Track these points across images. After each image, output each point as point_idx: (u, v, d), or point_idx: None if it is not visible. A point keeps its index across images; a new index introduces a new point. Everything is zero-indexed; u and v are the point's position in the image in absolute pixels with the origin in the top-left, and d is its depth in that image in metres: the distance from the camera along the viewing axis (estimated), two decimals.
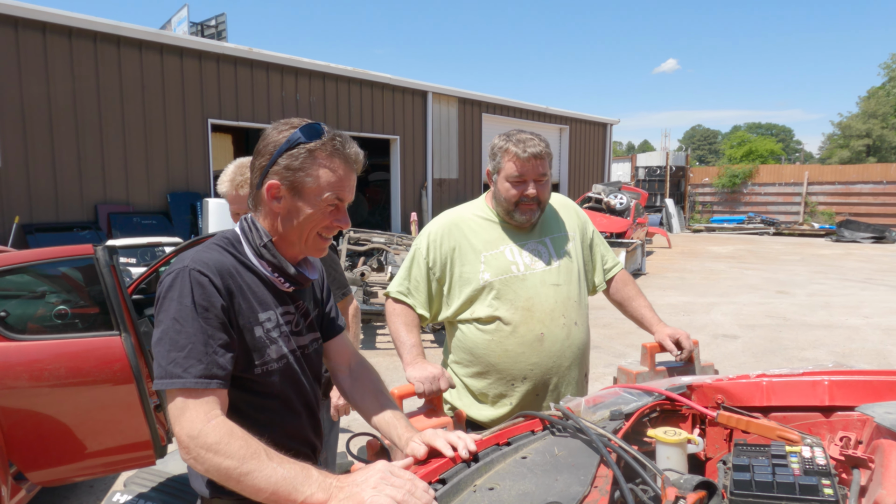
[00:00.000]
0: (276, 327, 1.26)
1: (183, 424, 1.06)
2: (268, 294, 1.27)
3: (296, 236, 1.26)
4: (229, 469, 1.01)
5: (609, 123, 22.87)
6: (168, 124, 10.06)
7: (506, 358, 1.93)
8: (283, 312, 1.29)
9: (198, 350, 1.09)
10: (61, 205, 8.86)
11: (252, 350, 1.21)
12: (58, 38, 8.69)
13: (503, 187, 1.95)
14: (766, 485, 1.00)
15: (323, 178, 1.21)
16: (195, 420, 1.05)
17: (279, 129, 1.24)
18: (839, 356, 6.23)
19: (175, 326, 1.10)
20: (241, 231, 1.29)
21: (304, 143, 1.20)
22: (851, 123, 38.71)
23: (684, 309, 8.61)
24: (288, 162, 1.20)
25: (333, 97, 12.81)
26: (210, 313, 1.13)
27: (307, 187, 1.21)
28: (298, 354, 1.32)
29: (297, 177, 1.21)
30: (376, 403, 1.40)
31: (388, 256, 8.11)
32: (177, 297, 1.12)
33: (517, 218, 1.96)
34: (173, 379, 1.08)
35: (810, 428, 1.35)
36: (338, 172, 1.22)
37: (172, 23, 15.53)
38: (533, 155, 1.90)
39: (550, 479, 1.08)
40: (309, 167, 1.20)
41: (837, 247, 17.21)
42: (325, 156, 1.21)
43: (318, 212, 1.23)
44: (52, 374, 2.73)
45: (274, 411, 1.28)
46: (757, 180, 23.65)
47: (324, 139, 1.21)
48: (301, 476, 1.00)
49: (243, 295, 1.21)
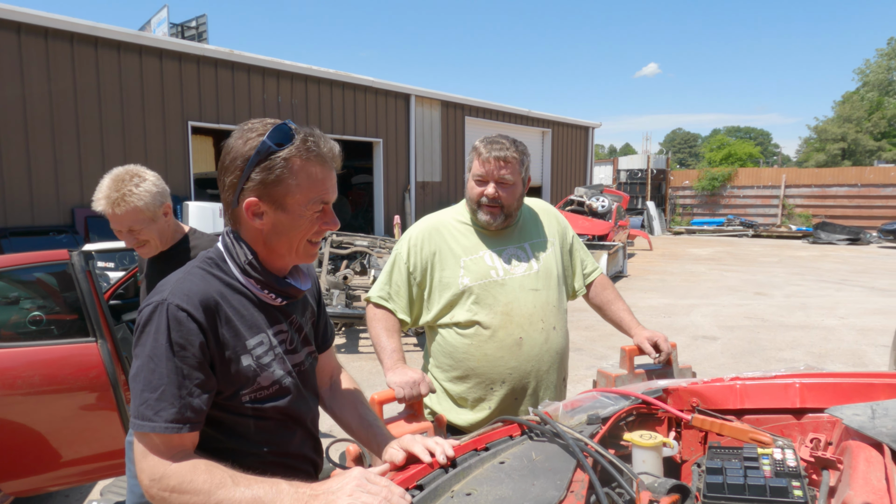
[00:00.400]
0: (268, 351, 1.20)
1: (145, 467, 1.03)
2: (258, 315, 1.20)
3: (285, 248, 1.20)
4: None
5: (591, 127, 23.07)
6: (147, 127, 9.94)
7: (485, 362, 1.94)
8: (276, 332, 1.23)
9: (171, 392, 1.04)
10: (37, 208, 8.70)
11: (239, 380, 1.15)
12: (33, 39, 8.55)
13: (469, 186, 2.00)
14: (738, 487, 1.02)
15: (304, 185, 1.14)
16: (158, 464, 1.02)
17: (244, 137, 1.13)
18: (816, 356, 6.34)
19: (149, 365, 1.05)
20: (225, 247, 1.21)
21: (275, 152, 1.11)
22: (827, 127, 39.53)
23: (665, 311, 8.70)
24: (262, 176, 1.12)
25: (316, 100, 12.76)
26: (187, 352, 1.07)
27: (289, 199, 1.14)
28: (294, 375, 1.25)
29: (277, 190, 1.13)
30: (355, 413, 1.40)
31: (371, 260, 8.08)
32: (153, 334, 1.07)
33: (479, 218, 1.97)
34: (144, 422, 1.03)
35: (782, 430, 1.37)
36: (317, 177, 1.15)
37: (152, 24, 15.36)
38: (496, 157, 1.90)
39: (527, 485, 1.09)
40: (287, 178, 1.12)
41: (814, 248, 17.53)
42: (302, 162, 1.13)
43: (306, 221, 1.17)
44: (26, 381, 2.68)
45: (269, 432, 1.23)
46: (736, 183, 24.02)
47: (296, 143, 1.13)
48: (272, 493, 0.98)
49: (230, 324, 1.14)
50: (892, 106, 39.15)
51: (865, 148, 38.09)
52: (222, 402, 1.14)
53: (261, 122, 1.16)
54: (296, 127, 1.15)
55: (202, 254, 1.23)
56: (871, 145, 38.11)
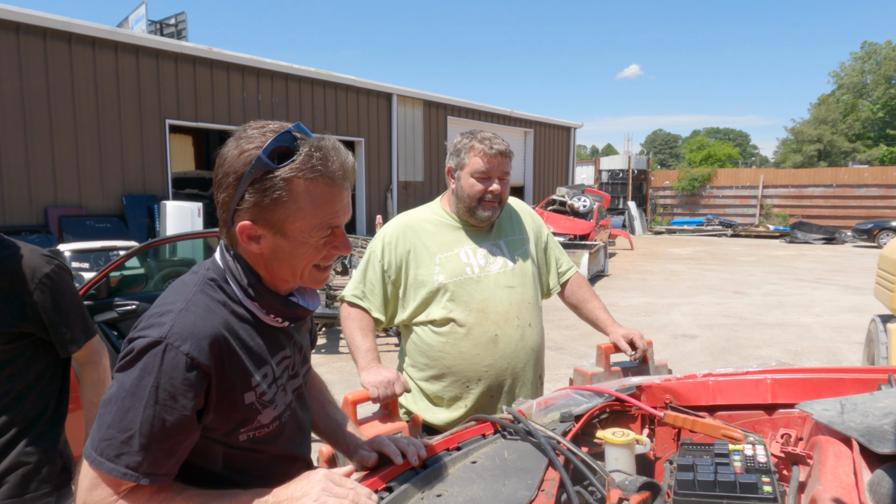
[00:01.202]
0: (272, 384, 1.07)
1: (88, 501, 0.93)
2: (263, 343, 1.07)
3: (288, 274, 1.05)
4: None
5: (573, 127, 23.23)
6: (123, 125, 9.78)
7: (460, 360, 1.92)
8: (280, 360, 1.11)
9: (139, 442, 0.91)
10: (8, 207, 8.51)
11: (240, 419, 1.04)
12: (4, 34, 8.36)
13: (467, 183, 1.95)
14: (708, 484, 1.02)
15: (307, 210, 0.98)
16: (105, 500, 0.92)
17: (240, 148, 0.97)
18: (792, 354, 6.44)
19: (126, 402, 0.92)
20: (225, 266, 1.06)
21: (272, 171, 0.95)
22: (804, 129, 40.32)
23: (645, 310, 8.77)
24: (257, 198, 0.96)
25: (297, 99, 12.66)
26: (176, 404, 0.93)
27: (289, 225, 0.98)
28: (294, 403, 1.15)
29: (275, 215, 0.97)
30: (323, 412, 1.36)
31: (353, 259, 8.03)
32: (140, 370, 0.93)
33: (479, 215, 1.96)
34: (103, 459, 0.91)
35: (754, 426, 1.38)
36: (324, 199, 0.98)
37: (130, 21, 15.13)
38: (500, 152, 1.93)
39: (498, 484, 1.07)
40: (287, 202, 0.96)
41: (791, 248, 17.84)
42: (306, 183, 0.96)
43: (310, 248, 1.02)
44: None
45: (263, 464, 1.13)
46: (715, 183, 24.36)
47: (298, 160, 0.95)
48: None
49: (237, 361, 1.01)
50: (866, 108, 40.04)
51: (840, 149, 38.90)
52: (219, 438, 1.05)
53: (261, 130, 0.99)
54: (302, 136, 0.98)
55: (201, 272, 1.07)
56: (846, 147, 38.94)
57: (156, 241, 4.95)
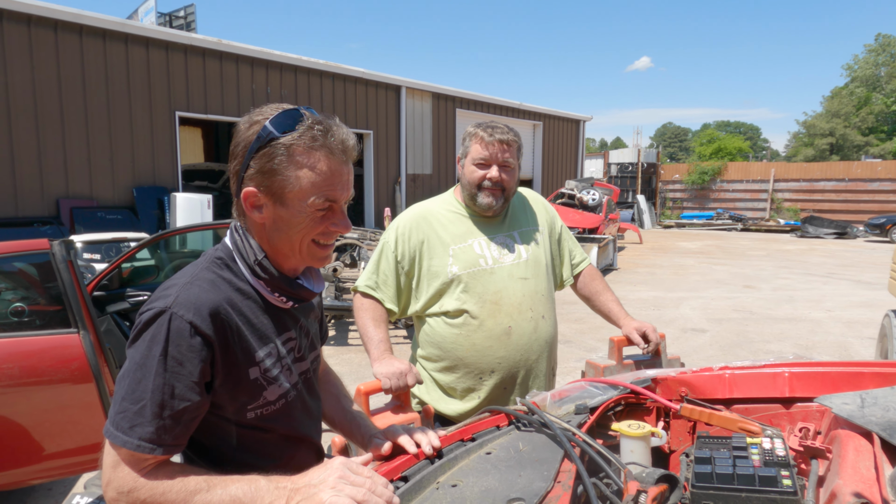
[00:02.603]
0: (276, 362, 1.11)
1: (113, 479, 0.95)
2: (267, 321, 1.10)
3: (287, 248, 1.09)
4: None
5: (582, 120, 23.09)
6: (134, 117, 9.81)
7: (473, 352, 1.92)
8: (286, 340, 1.14)
9: (151, 410, 0.95)
10: (21, 199, 8.57)
11: (246, 395, 1.07)
12: (16, 26, 8.39)
13: (468, 170, 1.96)
14: (727, 477, 1.00)
15: (304, 179, 1.02)
16: (127, 478, 0.94)
17: (250, 121, 1.05)
18: (803, 349, 6.39)
19: (137, 374, 0.96)
20: (234, 244, 1.11)
21: (276, 139, 1.01)
22: (816, 122, 39.86)
23: (654, 304, 8.74)
24: (261, 164, 1.02)
25: (305, 91, 12.65)
26: (183, 368, 0.97)
27: (287, 192, 1.03)
28: (300, 384, 1.18)
29: (275, 181, 1.02)
30: (338, 405, 1.36)
31: (361, 252, 8.04)
32: (148, 341, 0.97)
33: (479, 201, 1.95)
34: (118, 432, 0.95)
35: (771, 419, 1.36)
36: (321, 169, 1.02)
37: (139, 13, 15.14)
38: (499, 140, 1.92)
39: (514, 475, 1.07)
40: (285, 168, 1.01)
41: (802, 242, 17.69)
42: (304, 151, 1.01)
43: (307, 219, 1.05)
44: (6, 373, 2.63)
45: (272, 444, 1.16)
46: (725, 177, 24.17)
47: (300, 130, 1.01)
48: (251, 492, 0.93)
49: (240, 335, 1.05)
50: (879, 101, 39.52)
51: (853, 143, 38.45)
52: (230, 417, 1.08)
53: (274, 107, 1.05)
54: (308, 113, 1.04)
55: (210, 252, 1.13)
56: (858, 140, 38.48)
57: (166, 233, 4.98)
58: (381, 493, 0.94)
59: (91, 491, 2.65)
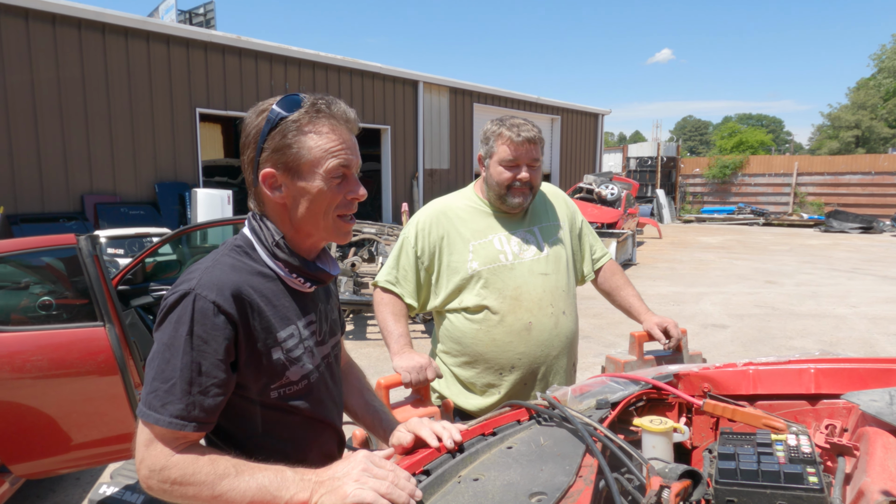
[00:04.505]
0: (298, 343, 1.14)
1: (145, 457, 0.99)
2: (289, 304, 1.15)
3: (311, 224, 1.14)
4: (200, 496, 0.96)
5: (601, 114, 22.87)
6: (155, 113, 9.94)
7: (494, 347, 1.92)
8: (307, 323, 1.18)
9: (181, 388, 0.99)
10: (47, 195, 8.74)
11: (269, 375, 1.11)
12: (41, 25, 8.54)
13: (496, 171, 1.94)
14: (751, 473, 1.00)
15: (315, 146, 1.09)
16: (159, 456, 0.98)
17: (257, 111, 1.12)
18: (827, 345, 6.28)
19: (165, 354, 1.01)
20: (252, 231, 1.16)
21: (285, 118, 1.09)
22: (841, 114, 38.98)
23: (674, 299, 8.65)
24: (275, 143, 1.09)
25: (323, 86, 12.70)
26: (208, 347, 1.01)
27: (303, 162, 1.09)
28: (322, 368, 1.21)
29: (289, 155, 1.09)
30: (362, 400, 1.38)
31: (379, 247, 8.07)
32: (174, 322, 1.02)
33: (509, 201, 1.94)
34: (150, 411, 0.99)
35: (796, 416, 1.35)
36: (329, 135, 1.10)
37: (160, 10, 15.31)
38: (527, 139, 1.90)
39: (535, 469, 1.07)
40: (297, 141, 1.09)
41: (826, 237, 17.35)
42: (309, 122, 1.09)
43: (325, 186, 1.10)
44: (35, 365, 2.69)
45: (295, 427, 1.18)
46: (747, 171, 23.77)
47: (305, 107, 1.10)
48: (277, 481, 0.96)
49: (261, 316, 1.09)
50: None
51: (880, 135, 37.54)
52: (251, 397, 1.10)
53: (273, 98, 1.13)
54: (308, 94, 1.12)
55: (229, 241, 1.18)
56: (885, 133, 37.56)
57: (188, 228, 5.05)
58: (404, 487, 0.95)
59: (117, 481, 2.70)
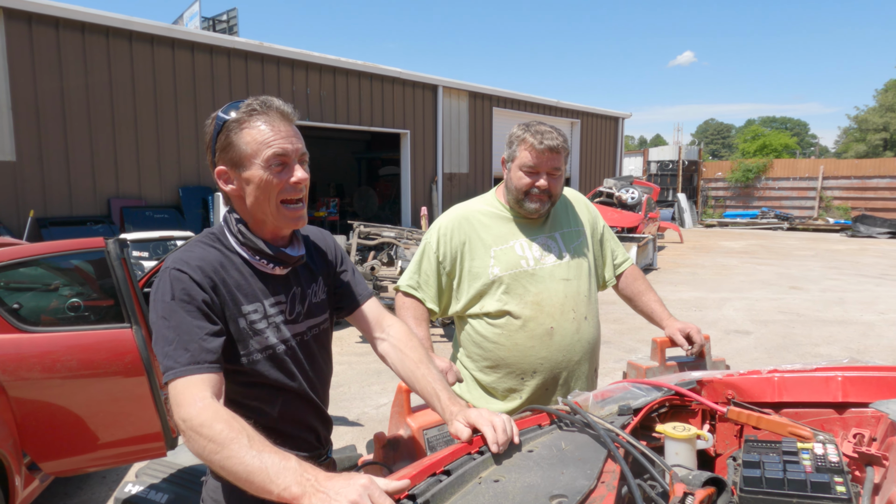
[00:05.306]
0: (262, 318, 1.29)
1: (176, 412, 1.09)
2: (257, 283, 1.29)
3: (260, 210, 1.27)
4: (210, 452, 1.02)
5: (621, 117, 22.70)
6: (179, 118, 10.11)
7: (515, 352, 1.92)
8: (274, 303, 1.31)
9: (183, 340, 1.14)
10: (75, 199, 8.94)
11: (237, 341, 1.26)
12: (71, 33, 8.75)
13: (515, 176, 1.94)
14: (777, 482, 0.99)
15: (251, 140, 1.23)
16: (186, 404, 1.08)
17: (210, 120, 1.29)
18: (854, 353, 6.15)
19: (162, 325, 1.16)
20: (224, 222, 1.33)
21: (226, 121, 1.24)
22: (868, 117, 38.19)
23: (696, 304, 8.54)
24: (220, 144, 1.25)
25: (344, 91, 12.81)
26: (192, 304, 1.17)
27: (243, 156, 1.24)
28: (293, 343, 1.34)
29: (232, 151, 1.24)
30: (420, 373, 1.38)
31: (398, 251, 8.11)
32: (160, 296, 1.18)
33: (526, 207, 1.94)
34: (168, 371, 1.12)
35: (823, 424, 1.33)
36: (261, 129, 1.23)
37: (184, 18, 15.59)
38: (549, 147, 1.88)
39: (556, 473, 1.07)
40: (237, 139, 1.24)
41: (853, 242, 16.99)
42: (246, 119, 1.24)
43: (266, 174, 1.23)
44: (64, 365, 2.76)
45: (264, 398, 1.31)
46: (771, 175, 23.39)
47: (242, 108, 1.25)
48: (277, 467, 0.96)
49: (227, 288, 1.24)
50: None
51: None
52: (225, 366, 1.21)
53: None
54: (252, 99, 1.26)
55: (205, 230, 1.34)
56: None
57: None
58: None
59: (142, 480, 2.75)
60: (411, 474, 1.03)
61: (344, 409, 4.68)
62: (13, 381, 2.67)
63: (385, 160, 17.92)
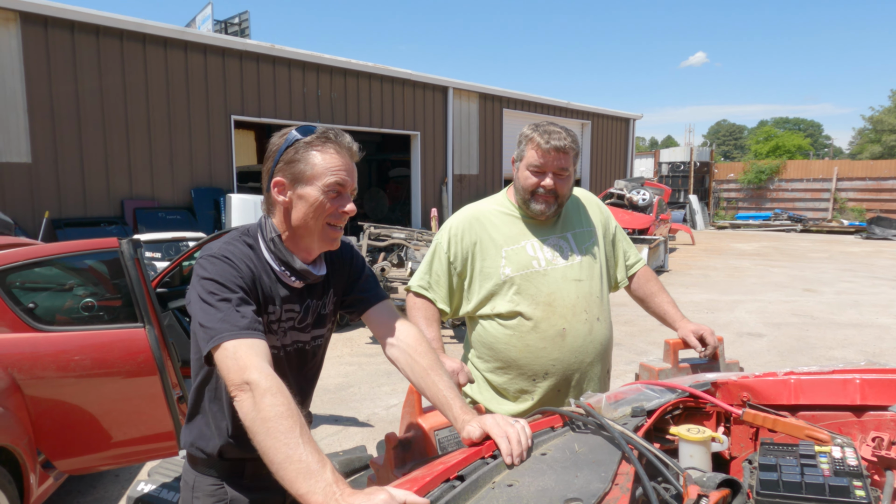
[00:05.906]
0: (276, 321, 1.38)
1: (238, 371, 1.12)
2: (276, 290, 1.37)
3: (304, 226, 1.35)
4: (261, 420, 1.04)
5: (632, 118, 22.59)
6: (192, 121, 10.19)
7: (527, 353, 1.91)
8: (287, 309, 1.40)
9: (224, 314, 1.20)
10: (89, 200, 9.03)
11: None
12: (85, 37, 8.85)
13: (522, 175, 1.93)
14: (795, 485, 0.97)
15: (319, 163, 1.32)
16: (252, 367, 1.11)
17: (281, 133, 1.38)
18: (869, 355, 6.07)
19: (201, 306, 1.23)
20: (259, 226, 1.41)
21: (299, 140, 1.34)
22: (883, 118, 37.72)
23: (708, 307, 8.47)
24: (287, 158, 1.34)
25: (354, 93, 12.85)
26: (227, 281, 1.26)
27: (306, 174, 1.33)
28: (291, 349, 1.43)
29: (297, 168, 1.33)
30: (430, 380, 1.38)
31: (409, 252, 8.12)
32: (196, 282, 1.27)
33: (532, 207, 1.93)
34: (222, 333, 1.17)
35: (840, 428, 1.31)
36: (332, 157, 1.33)
37: (197, 21, 15.72)
38: (555, 147, 1.86)
39: (570, 476, 1.06)
40: (305, 157, 1.33)
41: (867, 244, 16.78)
42: (319, 145, 1.33)
43: (322, 197, 1.32)
44: (78, 364, 2.78)
45: None
46: (784, 176, 23.18)
47: (317, 133, 1.34)
48: (314, 469, 0.97)
49: (261, 286, 1.34)
50: None
51: None
52: None
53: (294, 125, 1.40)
54: (325, 127, 1.37)
55: (240, 229, 1.42)
56: None
57: (222, 233, 5.15)
58: None
59: (154, 479, 2.77)
60: (425, 479, 1.02)
61: (354, 410, 4.69)
62: (28, 379, 2.70)
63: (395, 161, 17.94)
